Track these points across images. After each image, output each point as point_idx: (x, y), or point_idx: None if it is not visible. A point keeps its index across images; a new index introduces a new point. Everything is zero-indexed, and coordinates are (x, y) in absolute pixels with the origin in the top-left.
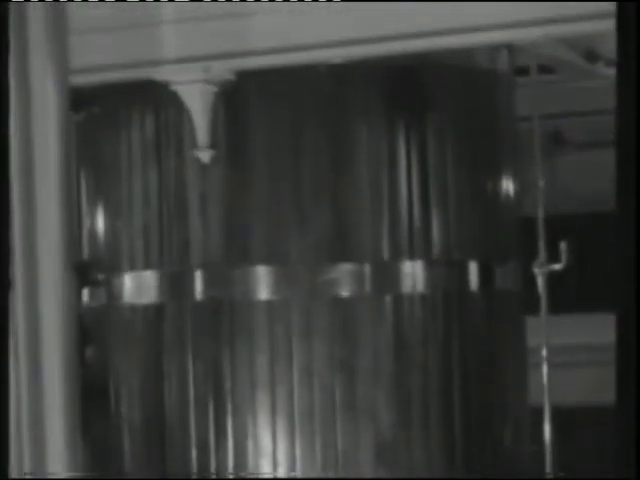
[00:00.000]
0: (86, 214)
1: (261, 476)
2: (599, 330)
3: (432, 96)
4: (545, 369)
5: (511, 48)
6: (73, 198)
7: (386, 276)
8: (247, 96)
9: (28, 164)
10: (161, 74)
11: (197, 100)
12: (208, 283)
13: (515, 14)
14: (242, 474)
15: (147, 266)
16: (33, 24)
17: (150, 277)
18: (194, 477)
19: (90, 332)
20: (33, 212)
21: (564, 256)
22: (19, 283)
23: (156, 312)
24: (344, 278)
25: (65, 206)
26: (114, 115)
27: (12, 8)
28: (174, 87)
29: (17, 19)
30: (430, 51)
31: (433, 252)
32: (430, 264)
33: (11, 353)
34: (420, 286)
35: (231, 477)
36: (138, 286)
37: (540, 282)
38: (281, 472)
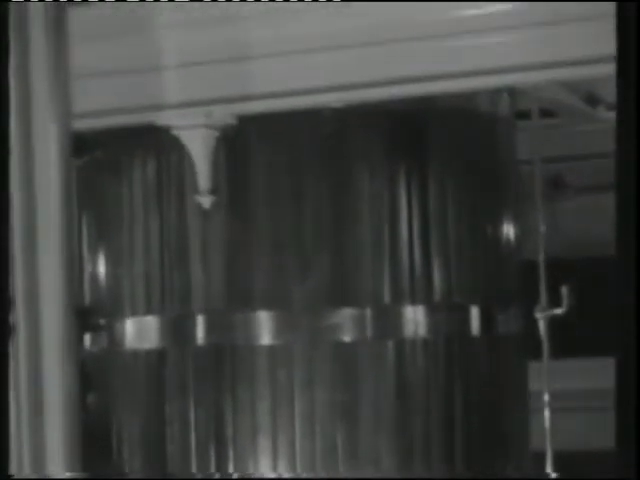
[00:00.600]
0: (87, 259)
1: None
2: (600, 375)
3: (433, 140)
4: (547, 414)
5: (512, 92)
6: (74, 243)
7: (388, 321)
8: (248, 141)
9: (29, 209)
10: (162, 119)
11: (199, 145)
12: (210, 328)
13: (516, 58)
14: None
15: (149, 311)
16: (35, 70)
17: (152, 322)
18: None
19: (92, 377)
20: (34, 257)
21: (565, 300)
22: (21, 328)
23: (158, 357)
24: (346, 323)
25: (66, 251)
26: (115, 160)
27: (13, 53)
28: (176, 132)
29: (19, 66)
30: (431, 95)
31: (434, 297)
32: (432, 309)
33: (12, 400)
34: (422, 331)
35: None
36: (139, 331)
37: (542, 326)
38: None
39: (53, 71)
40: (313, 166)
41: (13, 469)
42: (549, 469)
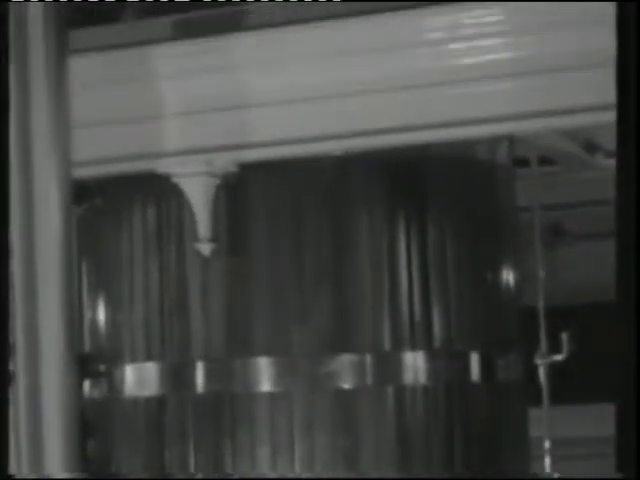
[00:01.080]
0: (87, 306)
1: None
2: (600, 422)
3: (432, 188)
4: (548, 461)
5: (511, 140)
6: (74, 290)
7: (387, 367)
8: (249, 188)
9: (30, 257)
10: (163, 167)
11: (199, 193)
12: (209, 375)
13: (514, 106)
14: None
15: (148, 358)
16: (35, 118)
17: (151, 369)
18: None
19: (92, 424)
20: (35, 304)
21: (565, 347)
22: (21, 375)
23: (157, 404)
24: (345, 369)
25: (66, 298)
26: (115, 207)
27: (14, 100)
28: (176, 179)
29: (20, 113)
30: (430, 143)
31: (434, 343)
32: (431, 355)
33: (12, 448)
34: (422, 377)
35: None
36: (139, 378)
37: (542, 373)
38: None
39: (54, 119)
40: (313, 213)
41: None
42: None
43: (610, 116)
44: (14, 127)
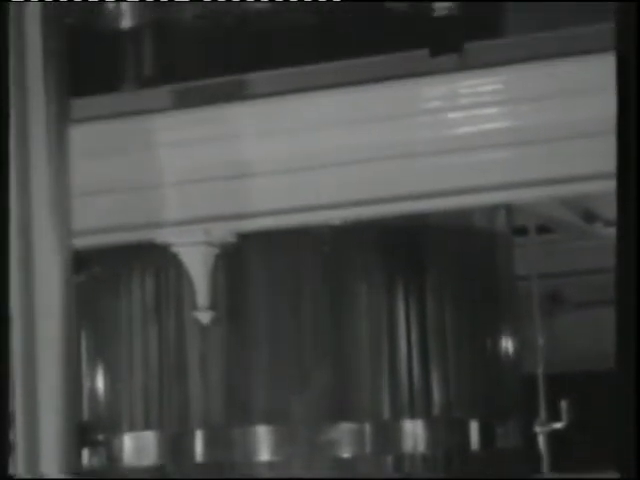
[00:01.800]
0: (86, 374)
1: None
2: None
3: (430, 256)
4: None
5: (509, 208)
6: (74, 358)
7: (386, 436)
8: (247, 256)
9: (30, 325)
10: (162, 236)
11: (198, 262)
12: (208, 444)
13: (513, 175)
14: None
15: (147, 427)
16: (35, 188)
17: (150, 438)
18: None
19: None
20: (34, 373)
21: (565, 415)
22: (20, 445)
23: (157, 474)
24: (345, 438)
25: (66, 366)
26: (114, 276)
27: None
28: (175, 249)
29: (20, 184)
30: (428, 212)
31: (433, 411)
32: (431, 423)
33: None
34: (421, 446)
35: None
36: (138, 447)
37: (541, 441)
38: None
39: (54, 188)
40: (312, 282)
41: None
42: None
43: (609, 185)
44: (14, 195)
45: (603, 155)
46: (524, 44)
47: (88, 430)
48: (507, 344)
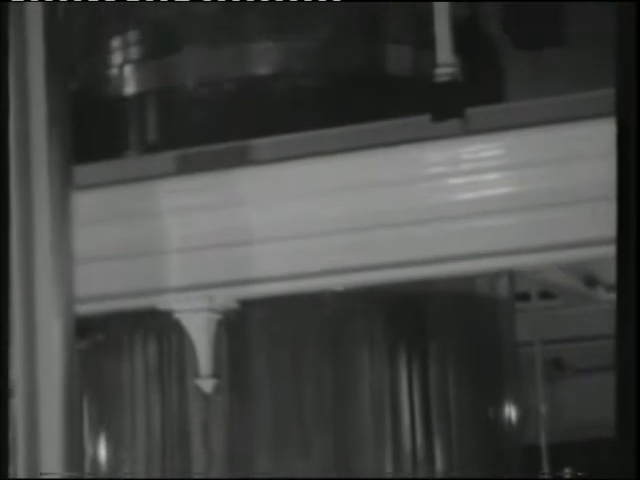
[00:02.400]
0: (88, 441)
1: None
2: None
3: (433, 322)
4: None
5: (511, 274)
6: (76, 426)
7: None
8: (250, 323)
9: (32, 393)
10: (164, 303)
11: (200, 329)
12: None
13: (514, 241)
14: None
15: None
16: (38, 257)
17: None
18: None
19: None
20: (36, 441)
21: None
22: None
23: None
24: None
25: (68, 434)
26: (117, 343)
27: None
28: (177, 315)
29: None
30: (430, 278)
31: (436, 477)
32: None
33: None
34: None
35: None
36: None
37: None
38: None
39: (57, 255)
40: (314, 347)
41: None
42: None
43: (610, 250)
44: (17, 260)
45: (604, 220)
46: (525, 109)
47: None
48: (509, 410)
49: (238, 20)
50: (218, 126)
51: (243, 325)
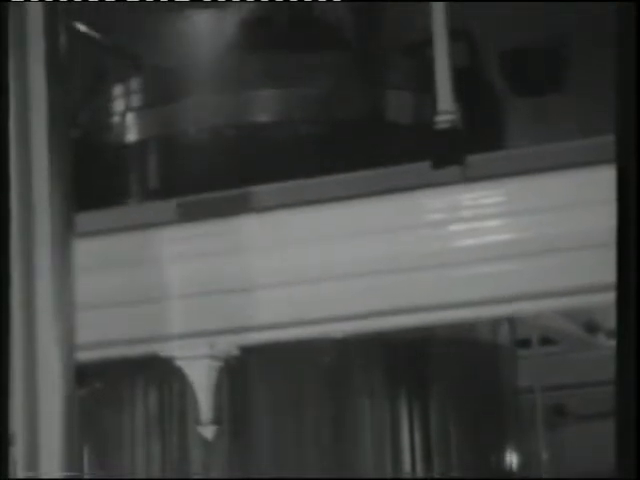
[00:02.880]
0: None
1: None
2: None
3: (434, 368)
4: None
5: (512, 320)
6: (77, 473)
7: None
8: (251, 370)
9: (32, 441)
10: (166, 350)
11: (201, 376)
12: None
13: (515, 287)
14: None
15: None
16: (40, 301)
17: None
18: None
19: None
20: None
21: None
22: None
23: None
24: None
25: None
26: (117, 390)
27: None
28: (179, 362)
29: (25, 296)
30: (431, 325)
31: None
32: None
33: None
34: None
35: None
36: None
37: None
38: None
39: (58, 303)
40: (315, 394)
41: None
42: None
43: (611, 297)
44: (18, 308)
45: (605, 267)
46: (525, 156)
47: None
48: (511, 457)
49: (239, 68)
50: (219, 173)
51: (244, 371)
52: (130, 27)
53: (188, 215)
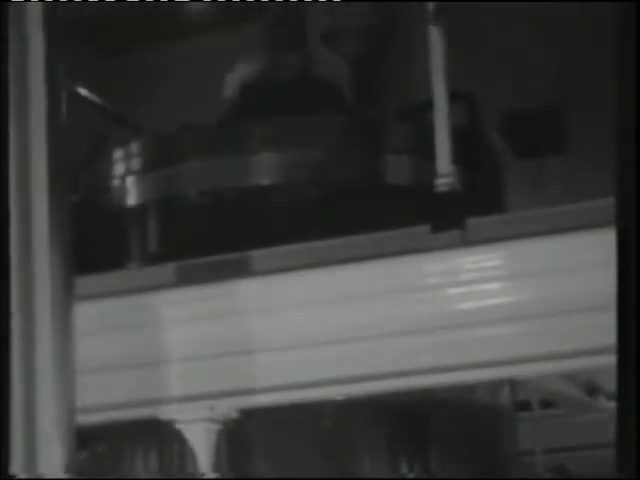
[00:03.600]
0: None
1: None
2: None
3: (434, 430)
4: None
5: (513, 383)
6: None
7: None
8: (250, 432)
9: None
10: (165, 413)
11: (201, 438)
12: None
13: (515, 350)
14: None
15: None
16: (40, 364)
17: None
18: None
19: None
20: None
21: None
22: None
23: None
24: None
25: None
26: (118, 452)
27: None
28: (178, 425)
29: (24, 359)
30: (432, 387)
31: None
32: None
33: None
34: None
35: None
36: None
37: None
38: None
39: (58, 367)
40: (315, 456)
41: None
42: None
43: (611, 359)
44: (18, 372)
45: (605, 329)
46: (525, 219)
47: None
48: None
49: (239, 132)
50: (219, 236)
51: (244, 434)
52: (130, 91)
53: (187, 278)
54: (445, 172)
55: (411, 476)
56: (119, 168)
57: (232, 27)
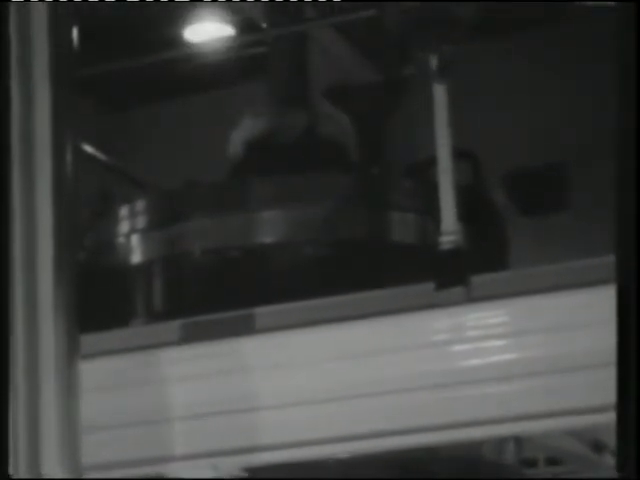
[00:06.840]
0: None
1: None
2: None
3: None
4: None
5: (518, 440)
6: None
7: None
8: None
9: None
10: (170, 471)
11: None
12: None
13: (521, 407)
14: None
15: None
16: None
17: None
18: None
19: None
20: None
21: None
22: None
23: None
24: None
25: None
26: None
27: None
28: None
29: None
30: (436, 445)
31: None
32: None
33: None
34: None
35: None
36: None
37: None
38: None
39: (63, 424)
40: None
41: None
42: None
43: (615, 417)
44: (23, 432)
45: (610, 386)
46: (529, 277)
47: None
48: None
49: (243, 189)
50: (223, 294)
51: None
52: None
53: (191, 336)
54: (450, 230)
55: None
56: (124, 226)
57: (236, 84)
